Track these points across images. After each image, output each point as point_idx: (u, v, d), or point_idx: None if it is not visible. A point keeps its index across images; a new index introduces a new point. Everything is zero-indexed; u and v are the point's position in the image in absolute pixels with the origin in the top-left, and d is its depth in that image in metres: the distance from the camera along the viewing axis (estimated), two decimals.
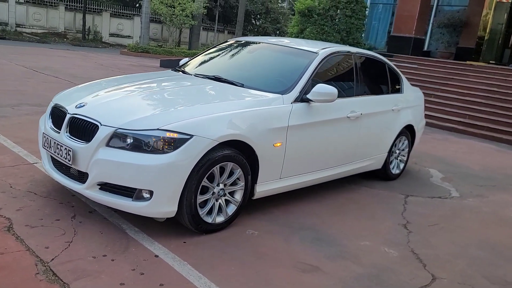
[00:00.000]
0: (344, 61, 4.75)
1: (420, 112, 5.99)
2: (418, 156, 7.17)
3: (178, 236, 3.36)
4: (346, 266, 3.29)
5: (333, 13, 13.95)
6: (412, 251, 3.71)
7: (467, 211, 4.89)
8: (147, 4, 20.01)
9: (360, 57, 4.97)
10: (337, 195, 4.80)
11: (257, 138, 3.55)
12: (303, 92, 4.02)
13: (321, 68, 4.36)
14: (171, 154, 3.08)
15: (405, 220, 4.38)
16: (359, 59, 4.90)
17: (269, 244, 3.47)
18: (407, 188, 5.41)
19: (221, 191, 3.46)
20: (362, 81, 4.83)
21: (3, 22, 24.14)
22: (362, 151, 4.85)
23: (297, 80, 4.08)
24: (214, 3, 30.77)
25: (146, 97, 3.72)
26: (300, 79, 4.09)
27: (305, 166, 4.17)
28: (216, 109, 3.46)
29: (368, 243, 3.75)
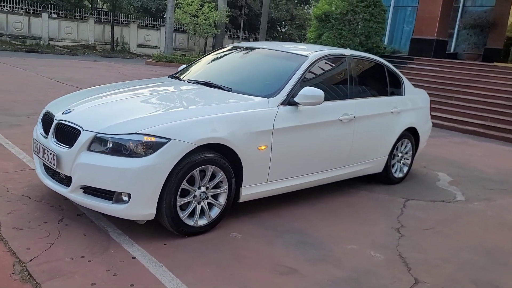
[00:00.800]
0: (338, 64, 4.73)
1: (424, 115, 5.87)
2: (429, 160, 7.02)
3: (160, 238, 3.41)
4: (326, 269, 3.25)
5: (350, 17, 13.83)
6: (399, 254, 3.64)
7: (470, 215, 4.75)
8: (171, 15, 20.41)
9: (356, 59, 4.93)
10: (332, 199, 4.76)
11: (239, 141, 3.58)
12: (290, 95, 4.02)
13: (311, 71, 4.36)
14: (148, 158, 3.15)
15: (399, 223, 4.30)
16: (354, 61, 4.86)
17: (251, 247, 3.48)
18: (409, 192, 5.31)
19: (203, 194, 3.50)
20: (357, 83, 4.79)
21: (37, 37, 25.14)
22: (357, 155, 4.80)
23: (284, 83, 4.09)
24: (238, 12, 31.09)
25: (131, 103, 3.82)
26: (288, 83, 4.10)
27: (294, 169, 4.16)
28: (197, 113, 3.52)
29: (354, 246, 3.70)
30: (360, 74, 4.93)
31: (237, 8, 31.18)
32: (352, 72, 4.75)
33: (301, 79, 4.18)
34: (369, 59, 5.18)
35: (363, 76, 5.01)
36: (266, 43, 5.30)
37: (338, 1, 13.91)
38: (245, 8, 30.77)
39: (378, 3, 14.23)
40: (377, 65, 5.25)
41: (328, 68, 4.63)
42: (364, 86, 4.98)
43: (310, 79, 4.34)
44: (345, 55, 4.79)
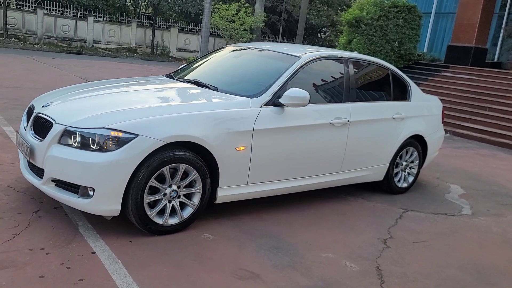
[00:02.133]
0: (333, 66, 4.57)
1: (434, 123, 5.58)
2: (446, 171, 6.69)
3: (128, 235, 3.39)
4: (290, 277, 3.12)
5: (382, 23, 13.47)
6: (377, 267, 3.44)
7: (470, 230, 4.46)
8: (207, 19, 20.66)
9: (355, 62, 4.75)
10: (324, 205, 4.59)
11: (214, 140, 3.51)
12: (276, 96, 3.92)
13: (302, 73, 4.22)
14: (113, 153, 3.13)
15: (388, 234, 4.08)
16: (353, 64, 4.68)
17: (219, 249, 3.39)
18: (411, 203, 5.05)
19: (174, 192, 3.44)
20: (355, 87, 4.61)
21: (82, 39, 26.11)
22: (353, 161, 4.61)
23: (271, 84, 3.99)
24: (278, 17, 31.10)
25: (111, 99, 3.83)
26: (274, 83, 3.99)
27: (278, 172, 4.04)
28: (170, 111, 3.47)
29: (330, 255, 3.53)
30: (359, 78, 4.75)
31: (277, 14, 31.20)
32: (350, 75, 4.58)
33: (290, 80, 4.06)
34: (372, 62, 4.98)
35: (363, 80, 4.83)
36: (264, 44, 5.21)
37: (370, 6, 13.58)
38: (284, 13, 30.74)
39: (412, 9, 13.80)
40: (381, 69, 5.04)
41: (322, 70, 4.48)
42: (364, 90, 4.79)
43: (301, 80, 4.20)
44: (343, 57, 4.62)
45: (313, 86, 4.35)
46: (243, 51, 4.84)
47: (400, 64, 14.17)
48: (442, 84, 12.89)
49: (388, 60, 13.77)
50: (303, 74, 4.25)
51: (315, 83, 4.40)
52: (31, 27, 24.74)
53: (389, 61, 13.79)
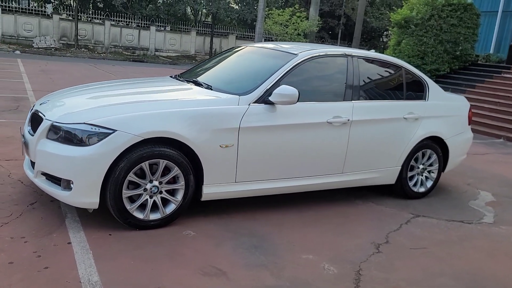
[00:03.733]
0: (335, 64, 4.41)
1: (457, 124, 5.21)
2: (481, 177, 6.25)
3: (110, 228, 3.48)
4: (258, 277, 3.05)
5: (434, 23, 12.82)
6: (358, 271, 3.27)
7: (484, 239, 4.11)
8: (260, 25, 20.84)
9: (363, 60, 4.56)
10: (327, 207, 4.45)
11: (196, 137, 3.52)
12: (267, 94, 3.86)
13: (299, 71, 4.13)
14: (91, 147, 3.24)
15: (385, 239, 3.87)
16: (359, 62, 4.49)
17: (196, 246, 3.38)
18: (426, 208, 4.75)
19: (155, 188, 3.49)
20: (359, 85, 4.42)
21: (145, 48, 27.36)
22: (356, 162, 4.42)
23: (262, 81, 3.94)
24: (336, 22, 30.71)
25: (104, 96, 3.97)
26: (266, 81, 3.94)
27: (269, 171, 3.97)
28: (152, 107, 3.53)
29: (311, 257, 3.41)
30: (366, 76, 4.55)
31: (335, 18, 30.83)
32: (353, 73, 4.41)
33: (284, 78, 3.99)
34: (382, 60, 4.75)
35: (370, 78, 4.62)
36: (268, 43, 5.15)
37: (420, 6, 12.99)
38: (343, 17, 30.29)
39: (469, 7, 13.02)
40: (393, 67, 4.80)
41: (322, 68, 4.35)
42: (371, 89, 4.59)
43: (297, 78, 4.12)
44: (347, 54, 4.46)
45: (310, 84, 4.25)
46: (247, 50, 4.81)
47: (455, 66, 13.43)
48: (500, 86, 12.03)
49: (441, 62, 13.11)
50: (300, 72, 4.15)
51: (313, 81, 4.29)
52: (99, 37, 26.31)
53: (442, 63, 13.13)
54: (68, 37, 25.40)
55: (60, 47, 24.60)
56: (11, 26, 24.11)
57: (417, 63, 13.05)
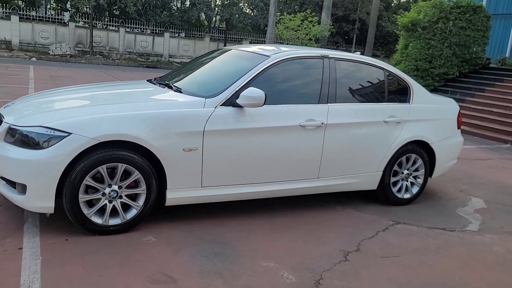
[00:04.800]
0: (310, 66, 4.29)
1: (445, 127, 5.01)
2: (477, 183, 6.04)
3: (69, 233, 3.42)
4: (210, 285, 2.94)
5: (442, 25, 12.52)
6: (318, 280, 3.13)
7: (463, 247, 3.92)
8: (271, 30, 20.78)
9: (341, 62, 4.42)
10: (301, 214, 4.31)
11: (157, 140, 3.45)
12: (235, 97, 3.76)
13: (271, 73, 4.03)
14: (45, 150, 3.19)
15: (357, 247, 3.72)
16: (336, 64, 4.36)
17: (153, 252, 3.29)
18: (408, 215, 4.57)
19: (113, 192, 3.42)
20: (335, 87, 4.28)
21: (159, 54, 27.62)
22: (332, 167, 4.28)
23: (230, 84, 3.85)
24: (351, 26, 30.46)
25: (66, 99, 3.93)
26: (234, 83, 3.85)
27: (238, 176, 3.86)
28: (110, 110, 3.47)
29: (272, 264, 3.29)
30: (344, 78, 4.41)
31: (350, 23, 30.59)
32: (330, 75, 4.28)
33: (254, 81, 3.89)
34: (362, 62, 4.60)
35: (348, 80, 4.47)
36: (252, 45, 5.06)
37: (428, 8, 12.72)
38: (357, 22, 30.02)
39: (478, 9, 12.68)
40: (373, 69, 4.65)
41: (296, 70, 4.23)
42: (349, 91, 4.44)
43: (269, 81, 4.02)
44: (323, 56, 4.33)
45: (282, 87, 4.14)
46: (228, 53, 4.72)
47: (464, 69, 13.09)
48: (510, 90, 11.66)
49: (450, 66, 12.80)
50: (272, 74, 4.05)
51: (286, 83, 4.17)
52: (114, 44, 26.66)
53: (451, 66, 12.81)
54: (83, 44, 25.79)
55: (75, 54, 25.00)
56: (28, 34, 24.61)
57: (424, 66, 12.77)
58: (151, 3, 27.95)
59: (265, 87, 3.95)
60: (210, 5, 29.27)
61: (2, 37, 23.92)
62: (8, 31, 24.01)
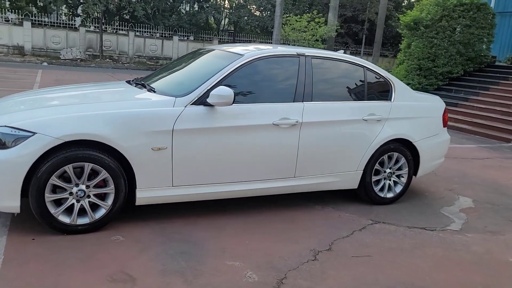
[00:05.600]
0: (285, 64, 4.25)
1: (430, 126, 4.92)
2: (469, 183, 5.94)
3: (37, 233, 3.43)
4: (169, 284, 2.93)
5: (445, 24, 12.34)
6: (281, 279, 3.10)
7: (440, 247, 3.83)
8: (277, 32, 20.75)
9: (318, 60, 4.38)
10: (278, 213, 4.27)
11: (125, 140, 3.45)
12: (206, 96, 3.75)
13: (245, 72, 4.01)
14: (10, 150, 3.22)
15: (329, 246, 3.67)
16: (314, 62, 4.32)
17: (118, 251, 3.29)
18: (389, 215, 4.50)
19: (81, 192, 3.43)
20: (311, 86, 4.24)
21: (168, 57, 27.73)
22: (309, 166, 4.23)
23: (201, 83, 3.84)
24: (360, 27, 30.26)
25: (35, 100, 3.96)
26: (205, 82, 3.83)
27: (210, 175, 3.84)
28: (77, 110, 3.49)
29: (237, 263, 3.26)
30: (321, 76, 4.37)
31: (359, 23, 30.39)
32: (306, 73, 4.24)
33: (226, 79, 3.88)
34: (341, 60, 4.55)
35: (326, 78, 4.43)
36: (230, 45, 5.03)
37: (431, 6, 12.55)
38: (366, 23, 29.81)
39: (482, 6, 12.47)
40: (353, 66, 4.59)
41: (269, 68, 4.20)
42: (326, 89, 4.39)
43: (242, 79, 4.01)
44: (299, 54, 4.29)
45: (256, 85, 4.11)
46: (209, 53, 4.70)
47: (469, 68, 12.88)
48: None
49: (454, 64, 12.61)
50: (246, 72, 4.03)
51: (260, 82, 4.14)
52: (123, 48, 26.92)
53: (455, 65, 12.62)
54: (93, 48, 26.10)
55: (85, 58, 25.29)
56: (40, 39, 25.02)
57: (427, 65, 12.60)
58: (160, 7, 28.15)
59: (239, 86, 3.97)
60: (218, 8, 29.37)
61: (15, 43, 24.37)
62: (21, 37, 24.44)
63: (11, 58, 22.57)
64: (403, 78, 13.10)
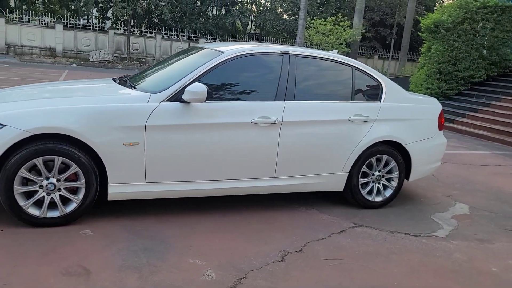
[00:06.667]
0: (267, 62, 4.18)
1: (424, 128, 4.73)
2: (472, 189, 5.72)
3: (8, 224, 3.48)
4: (123, 279, 2.90)
5: (467, 27, 11.94)
6: (240, 279, 3.03)
7: (418, 253, 3.67)
8: (301, 35, 20.64)
9: (303, 58, 4.29)
10: (257, 213, 4.20)
11: (95, 134, 3.46)
12: (181, 92, 3.73)
13: (224, 69, 3.97)
14: None
15: (300, 248, 3.57)
16: (298, 60, 4.23)
17: (83, 245, 3.29)
18: (375, 219, 4.35)
19: (51, 185, 3.46)
20: (295, 84, 4.15)
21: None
22: (291, 166, 4.14)
23: (178, 79, 3.83)
24: (388, 31, 29.77)
25: (17, 94, 4.02)
26: (182, 79, 3.82)
27: (185, 172, 3.81)
28: (50, 104, 3.52)
29: (199, 262, 3.21)
30: (306, 75, 4.27)
31: (387, 27, 29.90)
32: (289, 72, 4.16)
33: (204, 76, 3.85)
34: (327, 59, 4.44)
35: (311, 77, 4.33)
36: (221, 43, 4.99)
37: (452, 9, 12.17)
38: (395, 27, 29.29)
39: (507, 9, 12.00)
40: (340, 66, 4.47)
41: (251, 66, 4.13)
42: (310, 88, 4.29)
43: (221, 76, 3.97)
44: (283, 52, 4.22)
45: (236, 83, 4.06)
46: (194, 50, 4.69)
47: (492, 72, 12.41)
48: None
49: (477, 69, 12.19)
50: (225, 70, 3.99)
51: (240, 79, 4.08)
52: (150, 50, 27.39)
53: (478, 69, 12.20)
54: (121, 51, 26.67)
55: (113, 60, 25.87)
56: (71, 41, 25.75)
57: (448, 69, 12.21)
58: (188, 10, 28.51)
59: (218, 83, 3.94)
60: (245, 12, 29.49)
61: (47, 45, 25.19)
62: (53, 39, 25.24)
63: (42, 59, 23.32)
64: (423, 83, 12.76)
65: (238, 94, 4.02)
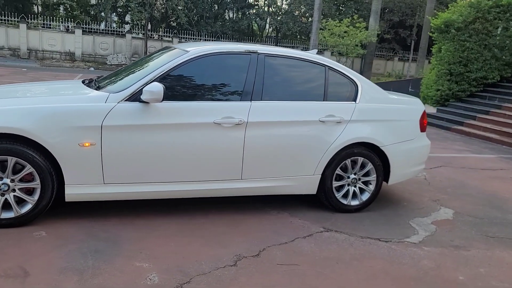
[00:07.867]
0: (234, 62, 4.07)
1: (403, 130, 4.54)
2: (464, 194, 5.50)
3: None
4: (61, 281, 2.84)
5: (479, 26, 11.54)
6: (183, 284, 2.93)
7: (383, 260, 3.50)
8: (315, 37, 20.44)
9: (272, 58, 4.16)
10: (224, 216, 4.09)
11: (49, 134, 3.42)
12: (140, 92, 3.67)
13: (188, 68, 3.90)
14: None
15: (257, 252, 3.45)
16: (267, 60, 4.12)
17: (31, 247, 3.24)
18: (348, 223, 4.18)
19: (5, 185, 3.44)
20: (262, 84, 4.04)
21: None
22: (258, 168, 4.02)
23: (138, 79, 3.77)
24: (408, 32, 29.24)
25: None
26: (142, 79, 3.76)
27: (145, 174, 3.73)
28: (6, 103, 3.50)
29: (146, 265, 3.13)
30: (275, 75, 4.15)
31: (407, 29, 29.37)
32: (256, 72, 4.05)
33: (165, 76, 3.78)
34: (299, 58, 4.30)
35: (280, 77, 4.20)
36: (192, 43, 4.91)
37: (463, 8, 11.80)
38: (415, 28, 28.74)
39: None
40: (312, 65, 4.33)
41: (216, 66, 4.03)
42: (279, 88, 4.16)
43: (185, 76, 3.90)
44: (250, 52, 4.10)
45: (199, 82, 3.97)
46: (164, 51, 4.63)
47: (507, 73, 11.96)
48: None
49: (490, 70, 11.77)
50: (189, 69, 3.92)
51: (203, 79, 4.00)
52: None
53: (491, 70, 11.77)
54: (139, 54, 26.98)
55: None
56: (90, 46, 26.23)
57: (459, 70, 11.83)
58: (204, 14, 28.66)
59: (180, 83, 3.88)
60: (261, 15, 29.45)
61: (67, 49, 25.72)
62: (72, 44, 25.77)
63: (62, 63, 23.82)
64: (433, 84, 12.41)
65: (201, 94, 3.94)
